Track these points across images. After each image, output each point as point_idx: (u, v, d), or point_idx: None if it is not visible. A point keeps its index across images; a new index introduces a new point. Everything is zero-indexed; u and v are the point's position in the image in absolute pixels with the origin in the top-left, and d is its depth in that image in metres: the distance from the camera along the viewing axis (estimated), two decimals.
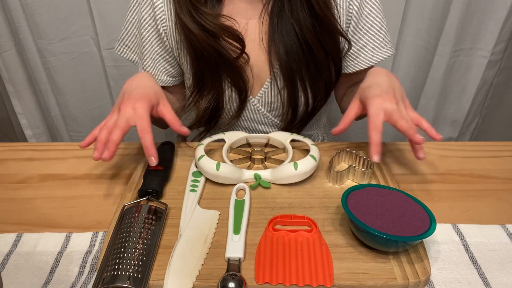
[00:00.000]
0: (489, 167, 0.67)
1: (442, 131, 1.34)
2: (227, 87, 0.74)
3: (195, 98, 0.75)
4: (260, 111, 0.78)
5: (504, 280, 0.48)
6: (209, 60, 0.69)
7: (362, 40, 0.74)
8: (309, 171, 0.60)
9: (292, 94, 0.74)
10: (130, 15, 0.75)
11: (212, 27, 0.66)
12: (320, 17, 0.67)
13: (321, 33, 0.69)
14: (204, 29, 0.66)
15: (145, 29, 0.73)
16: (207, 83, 0.73)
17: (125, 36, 0.78)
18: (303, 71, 0.72)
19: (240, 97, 0.74)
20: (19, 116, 1.24)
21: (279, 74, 0.73)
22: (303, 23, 0.67)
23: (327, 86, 0.76)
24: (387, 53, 0.75)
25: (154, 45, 0.74)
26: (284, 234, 0.51)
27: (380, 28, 0.73)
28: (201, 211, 0.55)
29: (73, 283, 0.47)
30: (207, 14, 0.66)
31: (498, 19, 1.09)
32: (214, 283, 0.45)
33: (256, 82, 0.75)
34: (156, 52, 0.75)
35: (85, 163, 0.68)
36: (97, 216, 0.57)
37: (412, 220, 0.48)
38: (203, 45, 0.67)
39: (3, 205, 0.59)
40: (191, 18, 0.66)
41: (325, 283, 0.45)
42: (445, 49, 1.14)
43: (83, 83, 1.26)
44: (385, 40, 0.75)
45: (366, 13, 0.72)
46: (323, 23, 0.68)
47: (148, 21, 0.72)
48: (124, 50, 0.79)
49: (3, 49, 1.11)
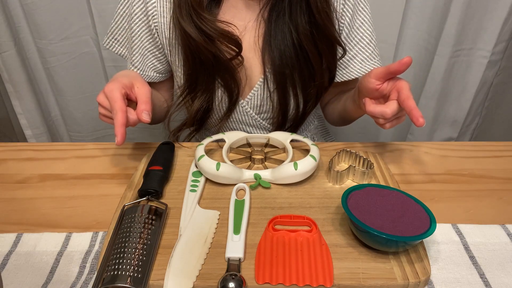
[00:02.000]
0: (489, 167, 0.67)
1: (442, 131, 1.34)
2: (218, 88, 0.74)
3: (186, 99, 0.75)
4: (248, 113, 0.78)
5: (504, 280, 0.48)
6: (205, 63, 0.69)
7: (352, 51, 0.76)
8: (309, 171, 0.60)
9: (282, 98, 0.75)
10: (121, 8, 0.74)
11: (212, 32, 0.66)
12: (319, 25, 0.68)
13: (319, 40, 0.69)
14: (203, 34, 0.66)
15: (136, 24, 0.73)
16: (200, 85, 0.73)
17: (114, 30, 0.77)
18: (295, 76, 0.72)
19: (230, 99, 0.74)
20: (19, 116, 1.24)
21: (271, 78, 0.73)
22: (301, 29, 0.67)
23: (318, 92, 0.76)
24: (375, 65, 0.77)
25: (144, 40, 0.74)
26: (284, 234, 0.51)
27: (370, 41, 0.75)
28: (201, 211, 0.55)
29: (73, 283, 0.47)
30: (207, 19, 0.66)
31: (498, 19, 1.09)
32: (214, 283, 0.45)
33: (247, 84, 0.75)
34: (146, 48, 0.75)
35: (85, 163, 0.68)
36: (97, 216, 0.57)
37: (412, 220, 0.48)
38: (201, 49, 0.68)
39: (3, 205, 0.59)
40: (192, 22, 0.66)
41: (325, 283, 0.45)
42: (445, 49, 1.14)
43: (83, 83, 1.26)
44: (374, 53, 0.77)
45: (358, 25, 0.74)
46: (322, 31, 0.69)
47: (140, 16, 0.72)
48: (113, 43, 0.79)
49: (3, 49, 1.11)
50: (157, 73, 0.78)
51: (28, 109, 1.23)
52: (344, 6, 0.72)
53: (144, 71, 0.77)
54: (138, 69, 0.76)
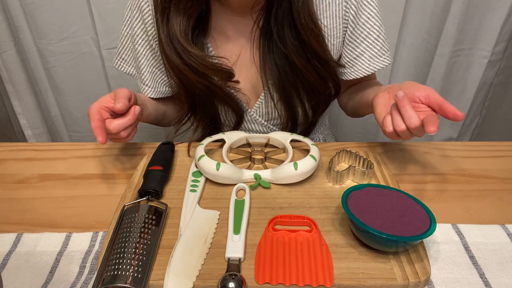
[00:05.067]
0: (489, 167, 0.67)
1: (442, 131, 1.34)
2: (222, 107, 0.74)
3: (190, 119, 0.75)
4: (258, 121, 0.78)
5: (504, 280, 0.48)
6: (201, 93, 0.70)
7: (359, 48, 0.72)
8: (309, 171, 0.60)
9: (288, 107, 0.74)
10: (124, 29, 0.75)
11: (202, 68, 0.66)
12: (308, 44, 0.66)
13: (314, 62, 0.68)
14: (193, 70, 0.66)
15: (139, 44, 0.73)
16: (199, 109, 0.73)
17: (121, 50, 0.78)
18: (299, 87, 0.71)
19: (237, 114, 0.75)
20: (19, 116, 1.24)
21: (273, 89, 0.72)
22: (291, 48, 0.66)
23: (326, 100, 0.75)
24: (384, 62, 0.73)
25: (149, 58, 0.75)
26: (284, 234, 0.51)
27: (377, 37, 0.71)
28: (201, 211, 0.55)
29: (73, 283, 0.47)
30: (196, 55, 0.65)
31: (498, 19, 1.09)
32: (214, 283, 0.45)
33: (252, 94, 0.75)
34: (152, 65, 0.75)
35: (85, 163, 0.68)
36: (97, 216, 0.57)
37: (412, 220, 0.48)
38: (194, 83, 0.68)
39: (3, 205, 0.59)
40: (181, 60, 0.66)
41: (325, 283, 0.45)
42: (445, 49, 1.14)
43: (83, 83, 1.26)
44: (383, 49, 0.73)
45: (363, 21, 0.70)
46: (312, 49, 0.67)
47: (141, 36, 0.73)
48: (122, 64, 0.80)
49: (3, 49, 1.11)
50: (169, 87, 0.78)
51: (28, 109, 1.23)
52: (347, 3, 0.68)
53: (156, 88, 0.77)
54: (150, 87, 0.77)
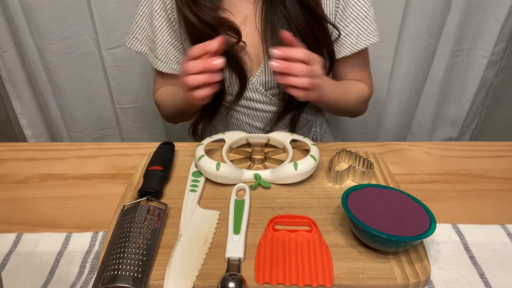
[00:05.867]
0: (489, 167, 0.67)
1: (442, 131, 1.34)
2: (227, 71, 0.77)
3: None
4: (258, 90, 0.80)
5: (504, 280, 0.48)
6: None
7: (348, 27, 0.77)
8: (309, 171, 0.60)
9: None
10: (141, 9, 0.80)
11: (210, 19, 0.70)
12: (309, 7, 0.71)
13: (311, 22, 0.72)
14: (203, 22, 0.70)
15: (157, 20, 0.78)
16: None
17: (135, 30, 0.82)
18: None
19: (240, 79, 0.78)
20: (19, 116, 1.24)
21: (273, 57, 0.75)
22: (293, 13, 0.71)
23: None
24: (371, 40, 0.78)
25: (165, 34, 0.79)
26: (284, 234, 0.51)
27: (366, 17, 0.77)
28: (201, 211, 0.55)
29: (73, 283, 0.47)
30: (205, 7, 0.70)
31: (498, 19, 1.09)
32: (214, 283, 0.45)
33: (255, 63, 0.78)
34: (167, 41, 0.80)
35: (85, 163, 0.68)
36: (97, 216, 0.57)
37: (412, 220, 0.48)
38: (204, 36, 0.70)
39: (3, 205, 0.59)
40: (191, 11, 0.70)
41: (325, 283, 0.45)
42: (445, 49, 1.14)
43: (83, 83, 1.26)
44: (370, 27, 0.78)
45: (353, 2, 0.76)
46: (312, 12, 0.72)
47: (159, 12, 0.78)
48: (134, 42, 0.84)
49: (3, 49, 1.11)
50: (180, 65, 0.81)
51: (28, 109, 1.23)
52: None
53: (168, 63, 0.81)
54: (162, 62, 0.81)
